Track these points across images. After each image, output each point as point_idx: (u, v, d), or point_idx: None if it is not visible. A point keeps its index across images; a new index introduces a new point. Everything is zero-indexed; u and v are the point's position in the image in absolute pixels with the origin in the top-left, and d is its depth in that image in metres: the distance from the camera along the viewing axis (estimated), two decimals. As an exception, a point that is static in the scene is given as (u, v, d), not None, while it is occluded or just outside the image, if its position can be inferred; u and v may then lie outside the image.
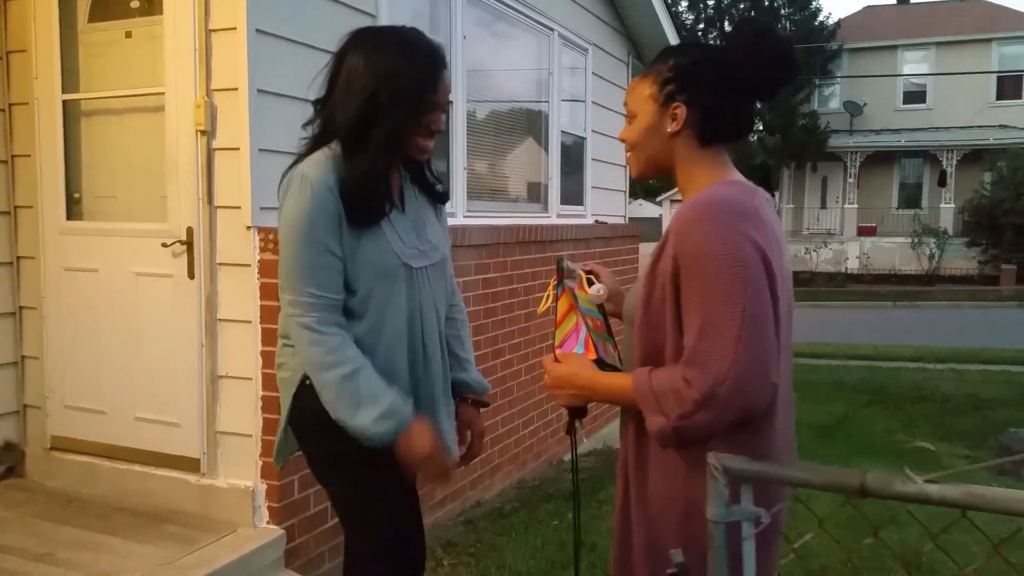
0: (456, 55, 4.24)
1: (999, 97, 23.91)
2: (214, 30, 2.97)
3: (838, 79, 25.83)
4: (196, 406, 3.10)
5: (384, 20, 3.58)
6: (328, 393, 1.76)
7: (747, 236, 1.39)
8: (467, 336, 2.18)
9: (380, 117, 1.76)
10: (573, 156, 5.87)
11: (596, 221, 6.11)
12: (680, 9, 25.32)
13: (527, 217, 5.17)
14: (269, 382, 2.94)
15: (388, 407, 1.75)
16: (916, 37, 24.90)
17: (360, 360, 1.77)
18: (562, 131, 5.59)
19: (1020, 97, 23.73)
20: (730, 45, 1.52)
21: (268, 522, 2.99)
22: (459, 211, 4.35)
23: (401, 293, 1.85)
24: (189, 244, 3.07)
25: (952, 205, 22.80)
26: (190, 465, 3.13)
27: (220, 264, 3.05)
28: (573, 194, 5.86)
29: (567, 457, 5.48)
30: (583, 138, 5.98)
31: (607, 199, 6.47)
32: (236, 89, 2.94)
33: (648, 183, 20.43)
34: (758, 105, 1.64)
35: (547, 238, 5.05)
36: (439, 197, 2.06)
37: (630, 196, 7.35)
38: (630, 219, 7.12)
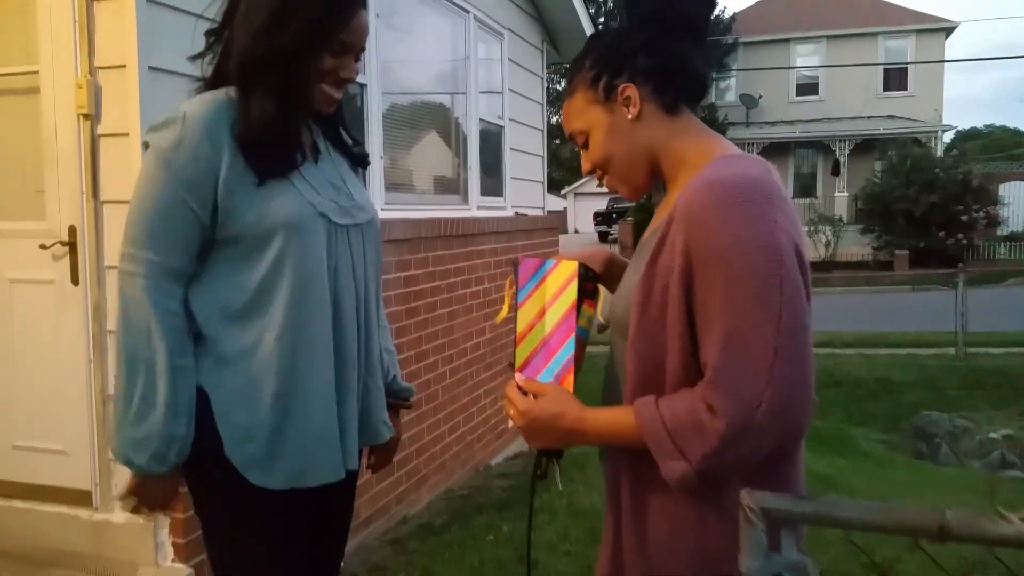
0: (369, 36, 3.91)
1: (886, 88, 24.95)
2: (96, -1, 2.59)
3: (734, 72, 26.45)
4: (85, 431, 2.71)
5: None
6: (128, 380, 1.47)
7: (777, 223, 1.13)
8: (388, 332, 1.90)
9: (279, 53, 1.48)
10: (491, 146, 5.62)
11: (516, 213, 5.88)
12: None
13: (447, 210, 4.89)
14: (171, 400, 2.58)
15: (187, 431, 1.47)
16: (807, 31, 25.71)
17: (189, 361, 1.48)
18: (480, 119, 5.32)
19: (905, 88, 24.83)
20: (638, 0, 1.32)
21: (174, 560, 2.63)
22: (377, 203, 4.03)
23: (318, 250, 1.53)
24: (72, 245, 2.67)
25: (846, 194, 23.65)
26: (80, 498, 2.74)
27: (109, 267, 2.66)
28: (492, 185, 5.61)
29: (494, 462, 5.25)
30: (501, 126, 5.73)
31: (526, 190, 6.25)
32: (124, 66, 2.56)
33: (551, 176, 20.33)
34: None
35: (469, 231, 4.79)
36: (358, 160, 1.78)
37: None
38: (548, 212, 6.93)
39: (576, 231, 34.40)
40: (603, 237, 29.31)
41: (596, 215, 31.81)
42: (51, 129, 2.67)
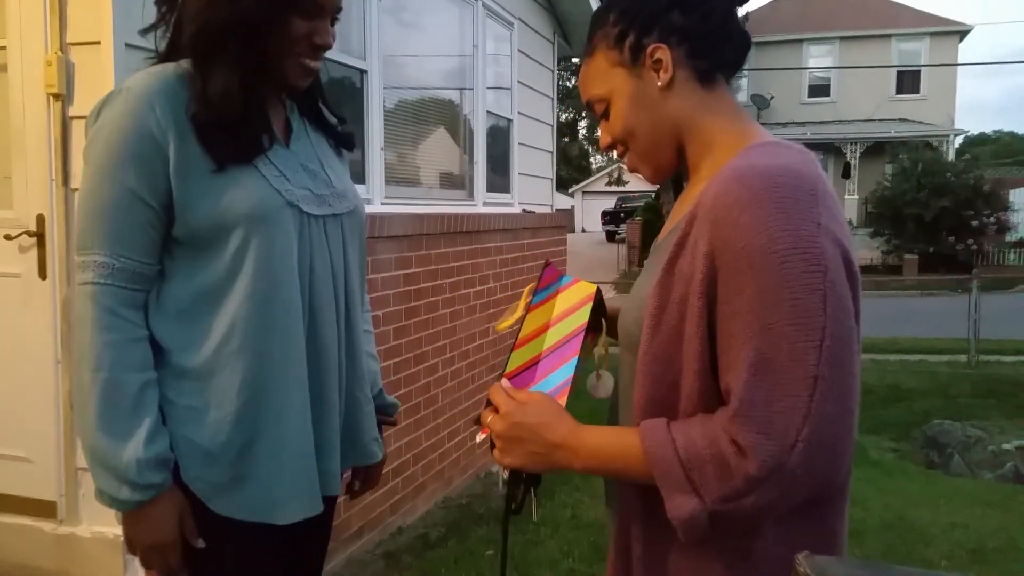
0: (371, 18, 3.71)
1: (899, 91, 24.71)
2: (70, -31, 2.38)
3: (745, 72, 26.22)
4: (51, 437, 2.51)
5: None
6: (90, 399, 1.24)
7: (821, 224, 0.93)
8: (371, 337, 1.68)
9: (243, 19, 1.26)
10: (499, 140, 5.41)
11: (524, 210, 5.67)
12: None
13: (451, 205, 4.68)
14: (144, 406, 2.38)
15: (164, 452, 1.26)
16: (820, 31, 25.47)
17: (152, 374, 1.27)
18: (488, 111, 5.11)
19: (918, 91, 24.59)
20: None
21: (144, 579, 2.43)
22: (376, 198, 3.82)
23: (285, 245, 1.32)
24: (40, 236, 2.47)
25: (856, 197, 23.43)
26: (44, 510, 2.54)
27: (80, 261, 2.46)
28: (499, 181, 5.40)
29: (495, 468, 5.04)
30: (509, 120, 5.51)
31: (533, 187, 6.03)
32: (98, 43, 2.36)
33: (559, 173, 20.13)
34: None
35: (474, 228, 4.57)
36: (342, 141, 1.56)
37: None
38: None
39: (583, 230, 34.22)
40: (611, 236, 29.14)
41: (604, 214, 31.65)
42: (19, 109, 2.46)
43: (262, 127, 1.32)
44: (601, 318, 1.26)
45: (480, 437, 1.14)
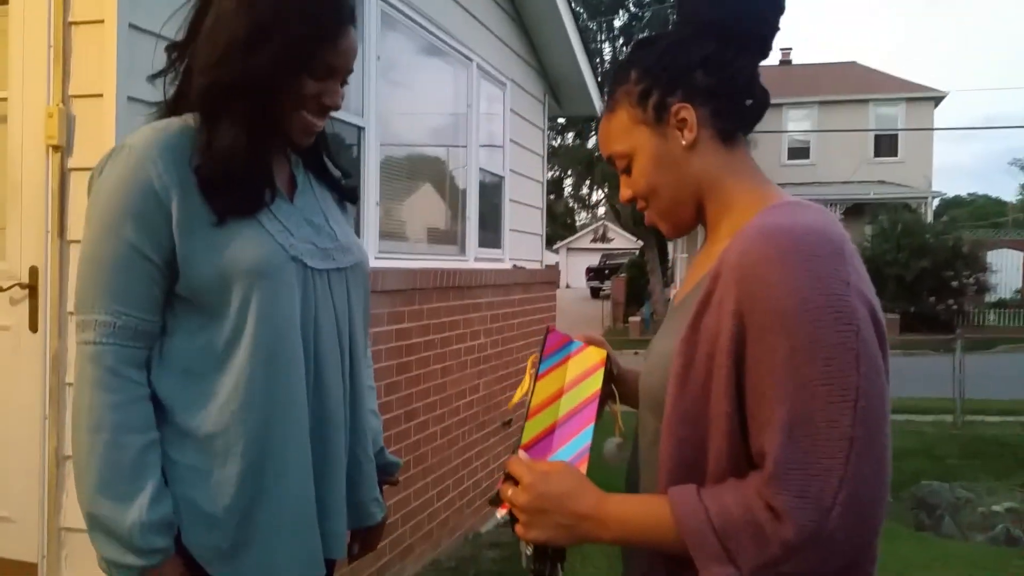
0: (370, 77, 3.75)
1: (877, 154, 25.17)
2: (75, 23, 2.39)
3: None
4: (35, 495, 2.43)
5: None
6: (91, 461, 1.21)
7: (850, 283, 0.93)
8: (373, 392, 1.66)
9: (255, 78, 1.25)
10: (491, 196, 5.44)
11: (515, 266, 5.67)
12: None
13: (444, 260, 4.67)
14: (134, 464, 2.31)
15: (167, 515, 1.22)
16: (799, 96, 26.04)
17: (155, 434, 1.24)
18: (480, 168, 5.15)
19: (896, 155, 25.07)
20: (699, 5, 1.10)
21: (128, 646, 2.33)
22: (371, 252, 3.81)
23: (289, 300, 1.29)
24: (32, 288, 2.43)
25: (836, 257, 23.69)
26: (25, 573, 2.44)
27: (72, 314, 2.41)
28: (491, 237, 5.41)
29: (484, 530, 4.94)
30: (501, 177, 5.56)
31: (524, 243, 6.06)
32: (101, 95, 2.35)
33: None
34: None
35: (466, 283, 4.56)
36: (346, 195, 1.55)
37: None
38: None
39: (568, 286, 34.34)
40: (595, 293, 29.24)
41: (588, 270, 31.83)
42: (17, 160, 2.44)
43: (265, 182, 1.31)
44: (611, 384, 1.25)
45: (500, 513, 1.09)
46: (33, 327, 2.43)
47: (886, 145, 25.30)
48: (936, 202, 27.22)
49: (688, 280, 1.17)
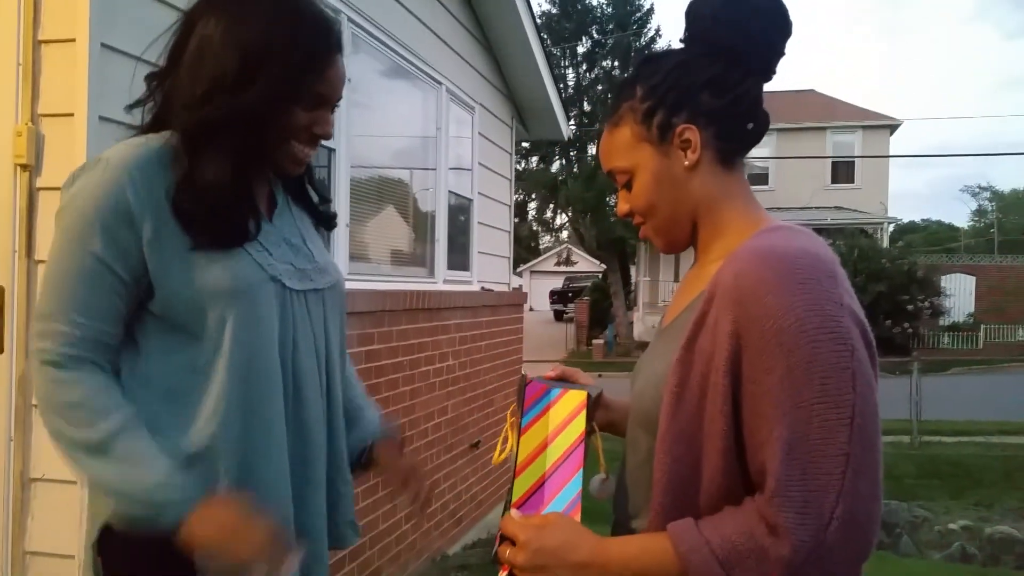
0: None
1: (834, 181, 25.71)
2: (45, 41, 2.37)
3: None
4: (-1, 519, 2.38)
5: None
6: (92, 466, 1.21)
7: (843, 304, 0.95)
8: (362, 386, 1.65)
9: (245, 114, 1.24)
10: (459, 219, 5.47)
11: (483, 288, 5.70)
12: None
13: (413, 282, 4.68)
14: (101, 486, 2.28)
15: (169, 471, 1.20)
16: (759, 123, 26.55)
17: (129, 409, 1.22)
18: (449, 191, 5.18)
19: (852, 181, 25.62)
20: (706, 22, 1.10)
21: (92, 673, 2.28)
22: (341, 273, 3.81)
23: (267, 320, 1.28)
24: (0, 308, 2.39)
25: (796, 280, 24.05)
26: (-14, 598, 2.39)
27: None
28: (459, 259, 5.43)
29: (451, 552, 4.92)
30: (470, 200, 5.59)
31: (492, 265, 6.09)
32: (71, 115, 2.33)
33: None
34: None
35: (434, 305, 4.57)
36: (324, 220, 1.54)
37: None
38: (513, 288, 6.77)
39: (532, 308, 34.39)
40: (559, 316, 29.33)
41: (552, 293, 31.94)
42: (-15, 179, 2.41)
43: (250, 213, 1.29)
44: (592, 420, 1.23)
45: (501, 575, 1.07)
46: (-1, 348, 2.40)
47: (843, 172, 25.86)
48: (892, 227, 27.85)
49: (677, 301, 1.18)
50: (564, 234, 29.18)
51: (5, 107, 2.38)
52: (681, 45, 1.14)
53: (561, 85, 24.53)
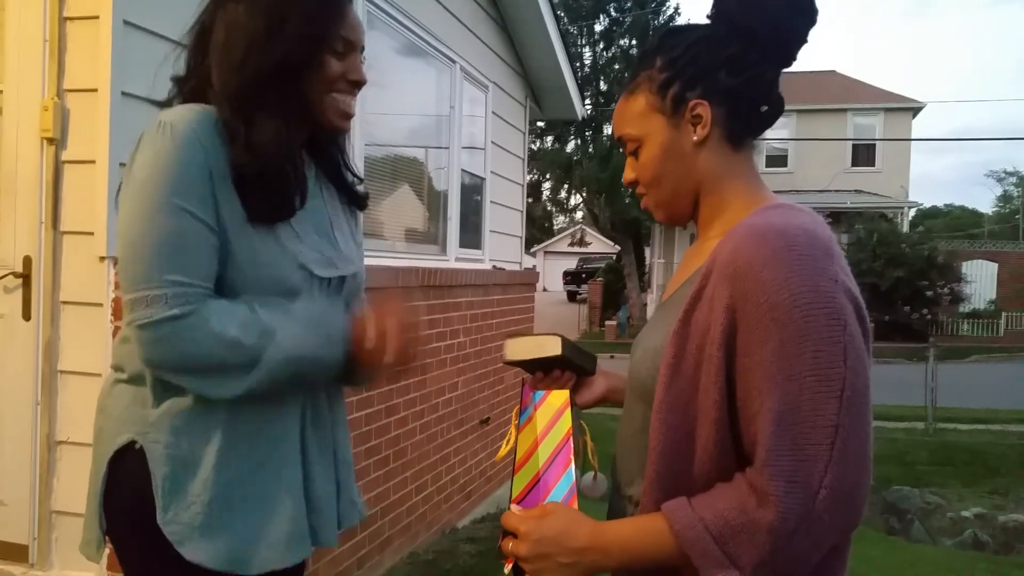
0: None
1: (854, 164, 25.44)
2: (70, 18, 2.45)
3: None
4: (26, 479, 2.49)
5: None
6: (275, 366, 1.24)
7: (838, 281, 0.98)
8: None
9: (282, 65, 1.29)
10: (471, 197, 5.52)
11: (494, 267, 5.76)
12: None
13: (425, 260, 4.75)
14: (122, 449, 2.38)
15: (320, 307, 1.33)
16: (779, 105, 26.28)
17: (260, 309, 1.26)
18: (462, 169, 5.23)
19: (873, 164, 25.35)
20: (732, 5, 1.11)
21: (114, 625, 2.39)
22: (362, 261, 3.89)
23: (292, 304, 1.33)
24: (26, 277, 2.49)
25: (813, 264, 23.90)
26: (16, 554, 2.49)
27: (64, 303, 2.48)
28: (471, 238, 5.49)
29: (461, 525, 5.02)
30: (482, 179, 5.64)
31: (504, 244, 6.14)
32: (95, 90, 2.41)
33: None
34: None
35: (446, 283, 4.64)
36: (357, 201, 1.57)
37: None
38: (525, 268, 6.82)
39: (545, 289, 34.45)
40: (572, 296, 29.34)
41: (566, 274, 31.92)
42: (12, 152, 2.50)
43: (298, 184, 1.33)
44: (580, 419, 1.29)
45: (507, 569, 1.12)
46: (26, 315, 2.49)
47: (863, 155, 25.58)
48: (913, 212, 27.56)
49: (677, 276, 1.22)
50: (578, 215, 29.07)
51: (32, 82, 2.47)
52: (707, 21, 1.15)
53: (578, 64, 24.50)
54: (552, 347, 1.30)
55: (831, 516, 0.93)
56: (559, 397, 1.28)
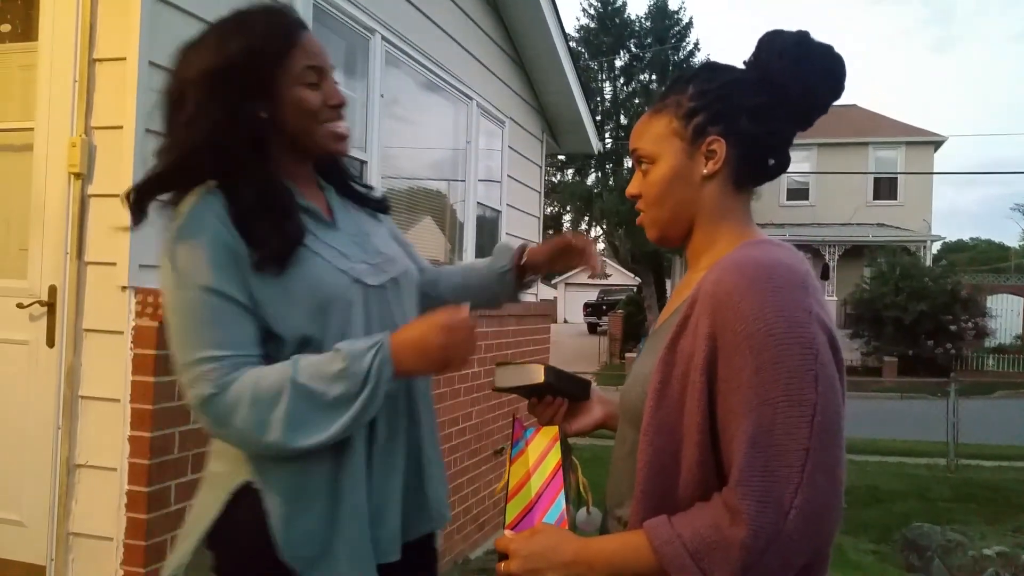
0: (373, 113, 3.94)
1: (876, 197, 25.35)
2: (99, 60, 2.57)
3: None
4: (45, 501, 2.56)
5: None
6: (318, 420, 1.27)
7: (812, 312, 1.03)
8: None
9: (252, 113, 1.32)
10: (487, 230, 5.60)
11: (510, 299, 5.82)
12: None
13: (440, 291, 4.83)
14: (137, 474, 2.45)
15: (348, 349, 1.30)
16: (799, 138, 26.04)
17: (288, 362, 1.30)
18: (478, 202, 5.33)
19: (895, 198, 25.26)
20: (772, 56, 1.18)
21: (128, 646, 2.45)
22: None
23: (358, 320, 1.38)
24: (51, 305, 2.59)
25: (835, 298, 23.75)
26: (34, 574, 2.56)
27: (87, 330, 2.57)
28: (487, 269, 5.56)
29: (473, 556, 5.04)
30: (498, 211, 5.73)
31: (520, 276, 6.20)
32: (121, 127, 2.52)
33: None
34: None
35: (461, 314, 4.70)
36: (378, 206, 1.64)
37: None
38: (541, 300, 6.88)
39: (566, 321, 34.45)
40: (592, 328, 29.29)
41: (586, 306, 31.88)
42: (41, 187, 2.61)
43: (296, 207, 1.38)
44: (572, 457, 1.37)
45: None
46: (50, 342, 2.58)
47: (885, 188, 25.48)
48: (937, 246, 27.35)
49: (668, 306, 1.28)
50: (599, 247, 29.18)
51: (62, 121, 2.59)
52: (743, 64, 1.21)
53: (597, 99, 24.74)
54: (536, 375, 1.37)
55: (801, 535, 0.97)
56: (548, 432, 1.35)
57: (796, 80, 1.16)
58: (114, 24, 2.55)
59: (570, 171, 24.57)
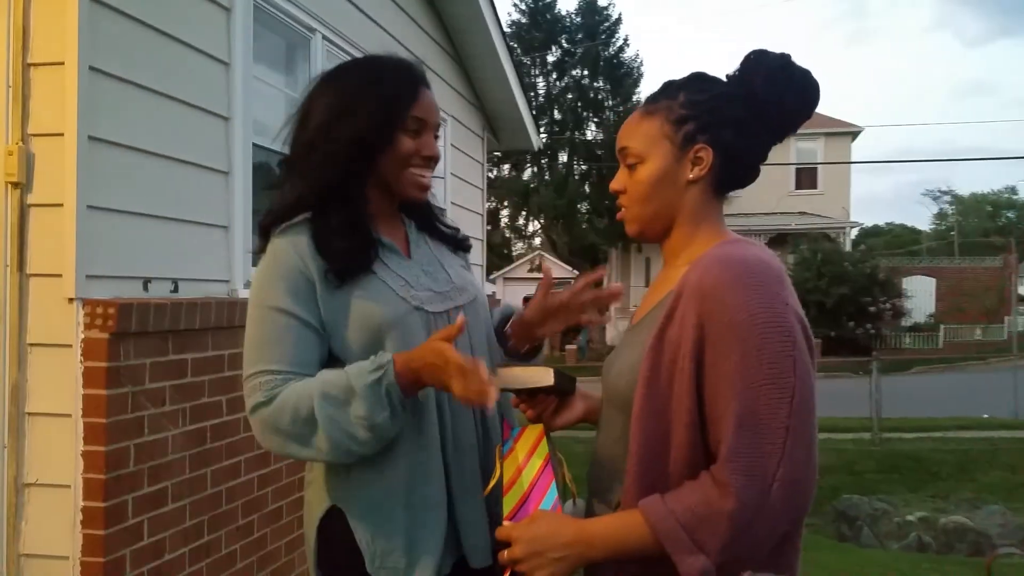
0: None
1: (798, 187, 26.14)
2: (35, 64, 2.48)
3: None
4: (-7, 523, 2.47)
5: (238, 68, 3.19)
6: (334, 435, 1.33)
7: (788, 304, 1.15)
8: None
9: (356, 140, 1.45)
10: (430, 228, 5.60)
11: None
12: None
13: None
14: (92, 489, 2.39)
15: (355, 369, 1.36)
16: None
17: (309, 378, 1.38)
18: (421, 201, 5.32)
19: (816, 187, 26.09)
20: (758, 76, 1.27)
21: (85, 668, 2.39)
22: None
23: (419, 344, 1.41)
24: (-9, 320, 2.49)
25: (761, 284, 24.40)
26: (-19, 599, 2.48)
27: (32, 345, 2.48)
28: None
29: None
30: (442, 209, 5.70)
31: (463, 273, 6.22)
32: (61, 135, 2.44)
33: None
34: None
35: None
36: (459, 244, 1.73)
37: (482, 271, 7.12)
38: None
39: (501, 315, 34.46)
40: (529, 321, 29.34)
41: (525, 299, 31.84)
42: (-23, 197, 2.51)
43: (369, 240, 1.48)
44: (558, 454, 1.44)
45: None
46: (-8, 358, 2.49)
47: (807, 178, 26.29)
48: (855, 231, 28.34)
49: (647, 301, 1.36)
50: (536, 241, 29.37)
51: (-4, 128, 2.48)
52: (726, 78, 1.31)
53: (532, 94, 24.80)
54: (546, 378, 1.43)
55: (783, 505, 1.09)
56: (533, 431, 1.43)
57: (777, 100, 1.26)
58: (50, 28, 2.46)
59: (506, 167, 24.61)
